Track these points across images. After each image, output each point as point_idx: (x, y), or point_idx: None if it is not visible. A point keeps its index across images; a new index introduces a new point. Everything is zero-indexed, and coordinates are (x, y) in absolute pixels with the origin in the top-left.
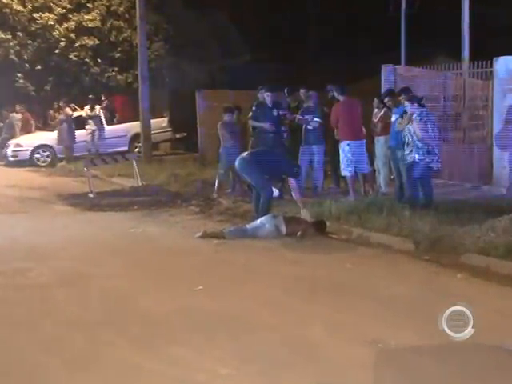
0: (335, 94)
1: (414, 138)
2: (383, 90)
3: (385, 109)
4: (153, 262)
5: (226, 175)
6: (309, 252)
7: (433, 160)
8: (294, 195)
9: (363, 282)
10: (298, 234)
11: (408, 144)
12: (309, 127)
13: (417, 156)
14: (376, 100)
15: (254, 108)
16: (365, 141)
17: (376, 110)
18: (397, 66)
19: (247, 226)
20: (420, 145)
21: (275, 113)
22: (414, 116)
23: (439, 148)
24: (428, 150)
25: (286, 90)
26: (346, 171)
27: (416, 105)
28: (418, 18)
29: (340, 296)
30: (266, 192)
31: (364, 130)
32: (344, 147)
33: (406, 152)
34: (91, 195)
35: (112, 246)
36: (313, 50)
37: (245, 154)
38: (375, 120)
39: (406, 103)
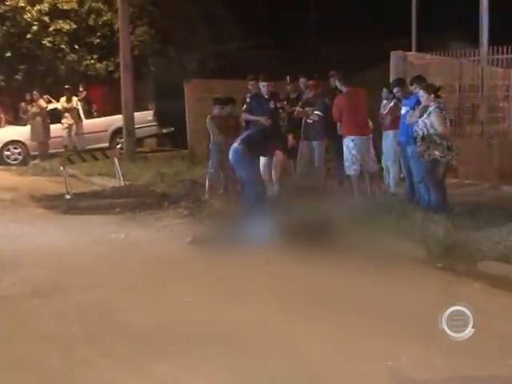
0: (338, 84)
1: (431, 132)
2: (392, 79)
3: (394, 100)
4: (137, 271)
5: (216, 174)
6: (308, 262)
7: (453, 157)
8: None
9: (368, 294)
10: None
11: (423, 139)
12: (308, 121)
13: (437, 153)
14: (385, 90)
15: (248, 100)
16: (371, 136)
17: (384, 101)
18: (407, 53)
19: (240, 228)
20: (439, 140)
21: (272, 105)
22: (431, 108)
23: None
24: (448, 146)
25: (287, 78)
26: (350, 170)
27: (432, 95)
28: None
29: (342, 309)
30: (257, 187)
31: (370, 123)
32: (348, 143)
33: (421, 148)
34: (68, 197)
35: (91, 253)
36: (314, 36)
37: (236, 144)
38: (383, 112)
39: (421, 93)
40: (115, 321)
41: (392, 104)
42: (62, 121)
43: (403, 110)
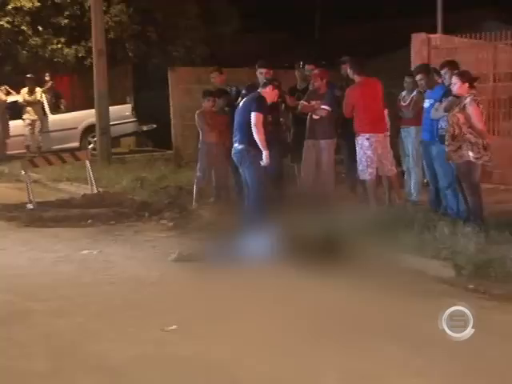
0: (350, 72)
1: (464, 130)
2: (413, 66)
3: (417, 90)
4: (112, 293)
5: (205, 179)
6: (312, 278)
7: (489, 159)
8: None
9: (387, 319)
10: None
11: (454, 137)
12: (315, 117)
13: (471, 154)
14: (407, 79)
15: (243, 91)
16: (389, 134)
17: (403, 92)
18: (431, 35)
19: (235, 244)
20: (473, 139)
21: None
22: (467, 100)
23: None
24: (484, 146)
25: (300, 63)
26: (365, 174)
27: (467, 85)
28: None
29: (355, 337)
30: (259, 191)
31: (387, 119)
32: (362, 142)
33: (451, 148)
34: (31, 206)
35: (58, 273)
36: (322, 16)
37: (237, 144)
38: (403, 104)
39: (455, 82)
40: (85, 353)
41: (415, 94)
42: (24, 116)
43: (426, 103)
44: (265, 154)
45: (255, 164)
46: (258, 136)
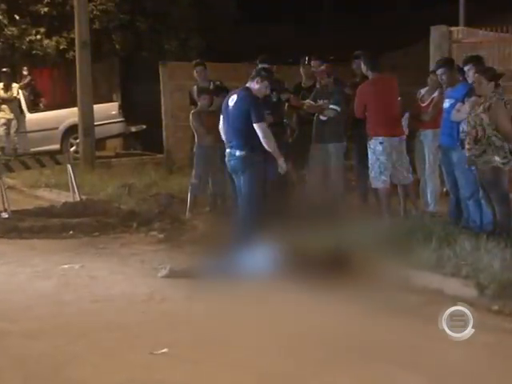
0: (363, 68)
1: (489, 132)
2: (432, 62)
3: (439, 90)
4: (95, 313)
5: (201, 187)
6: (317, 297)
7: None
8: None
9: (403, 344)
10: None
11: (477, 141)
12: (322, 118)
13: (497, 158)
14: (433, 77)
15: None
16: (405, 137)
17: (422, 90)
18: (452, 28)
19: (232, 259)
20: (499, 142)
21: (274, 97)
22: (493, 100)
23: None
24: (511, 150)
25: (305, 59)
26: (377, 182)
27: (493, 83)
28: None
29: (365, 364)
30: (257, 208)
31: (406, 122)
32: (375, 147)
33: (474, 153)
34: (5, 215)
35: (34, 290)
36: (330, 6)
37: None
38: (423, 105)
39: (479, 80)
40: (66, 379)
41: (437, 94)
42: None
43: (446, 103)
44: (280, 161)
45: (257, 172)
46: (270, 146)
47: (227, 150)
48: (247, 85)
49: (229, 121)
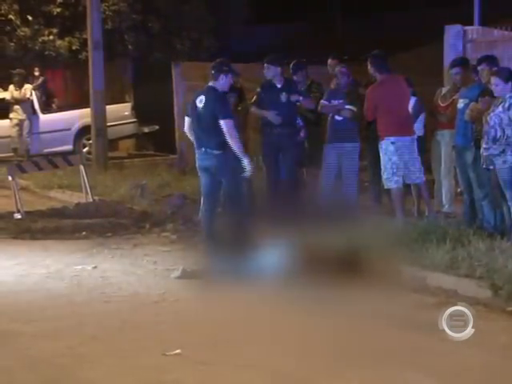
0: (371, 70)
1: (508, 132)
2: (446, 62)
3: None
4: (108, 314)
5: None
6: (330, 298)
7: None
8: None
9: (416, 346)
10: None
11: (496, 140)
12: (337, 118)
13: None
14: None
15: (258, 89)
16: (416, 137)
17: (445, 88)
18: (467, 28)
19: (245, 259)
20: None
21: (283, 98)
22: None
23: None
24: None
25: (292, 65)
26: (390, 182)
27: (510, 84)
28: None
29: (381, 366)
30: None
31: (423, 123)
32: (387, 147)
33: (492, 152)
34: (18, 216)
35: (47, 291)
36: (341, 5)
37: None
38: (442, 104)
39: (494, 80)
40: (78, 380)
41: (457, 96)
42: (11, 115)
43: (461, 104)
44: (245, 161)
45: (235, 170)
46: (233, 144)
47: (201, 149)
48: (210, 84)
49: (199, 121)
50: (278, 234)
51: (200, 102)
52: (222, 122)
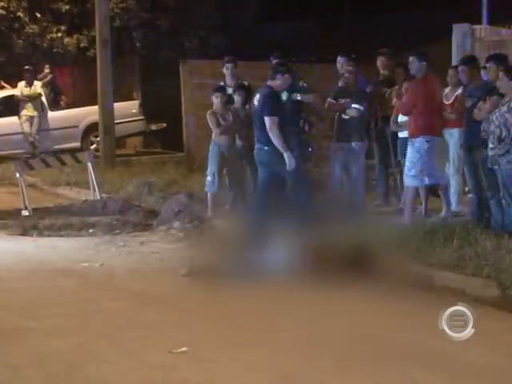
0: (421, 66)
1: None
2: (454, 60)
3: (463, 87)
4: (115, 311)
5: (215, 184)
6: (338, 297)
7: None
8: None
9: (423, 344)
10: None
11: (501, 140)
12: (344, 116)
13: None
14: (450, 73)
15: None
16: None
17: (446, 89)
18: (475, 26)
19: (253, 257)
20: None
21: (285, 96)
22: None
23: None
24: None
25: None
26: (415, 180)
27: None
28: None
29: (388, 364)
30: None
31: None
32: (421, 145)
33: (497, 152)
34: (26, 213)
35: (55, 288)
36: (351, 4)
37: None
38: (447, 103)
39: (502, 78)
40: (85, 377)
41: (460, 92)
42: (22, 113)
43: (469, 102)
44: (286, 156)
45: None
46: (275, 140)
47: (257, 145)
48: (268, 83)
49: (255, 118)
50: (286, 233)
51: (256, 100)
52: (266, 119)
